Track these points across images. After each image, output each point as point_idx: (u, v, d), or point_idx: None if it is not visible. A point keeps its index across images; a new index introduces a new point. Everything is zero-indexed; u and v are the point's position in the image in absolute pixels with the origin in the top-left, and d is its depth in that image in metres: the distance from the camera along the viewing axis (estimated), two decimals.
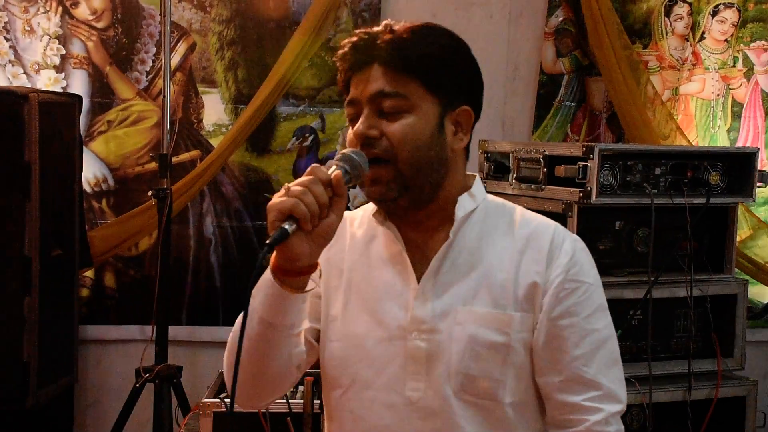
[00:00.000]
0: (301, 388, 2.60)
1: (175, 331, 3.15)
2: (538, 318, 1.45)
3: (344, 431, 1.50)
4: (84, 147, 3.25)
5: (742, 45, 3.50)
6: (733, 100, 3.52)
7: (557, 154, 2.59)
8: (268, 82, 3.32)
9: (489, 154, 2.88)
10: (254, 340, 1.37)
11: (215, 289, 3.42)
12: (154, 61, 3.34)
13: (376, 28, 1.47)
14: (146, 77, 3.37)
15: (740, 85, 3.51)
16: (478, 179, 1.55)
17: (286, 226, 1.27)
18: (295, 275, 1.34)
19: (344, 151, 1.40)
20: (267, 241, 1.26)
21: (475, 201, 1.50)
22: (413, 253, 1.48)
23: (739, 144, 3.49)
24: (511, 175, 2.75)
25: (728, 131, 3.51)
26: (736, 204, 2.67)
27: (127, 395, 3.00)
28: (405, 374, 1.45)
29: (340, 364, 1.49)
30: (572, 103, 3.49)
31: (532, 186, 2.66)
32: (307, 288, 1.36)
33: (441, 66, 1.44)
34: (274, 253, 1.33)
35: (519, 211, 1.54)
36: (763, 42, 3.50)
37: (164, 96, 3.06)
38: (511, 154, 2.76)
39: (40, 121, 2.80)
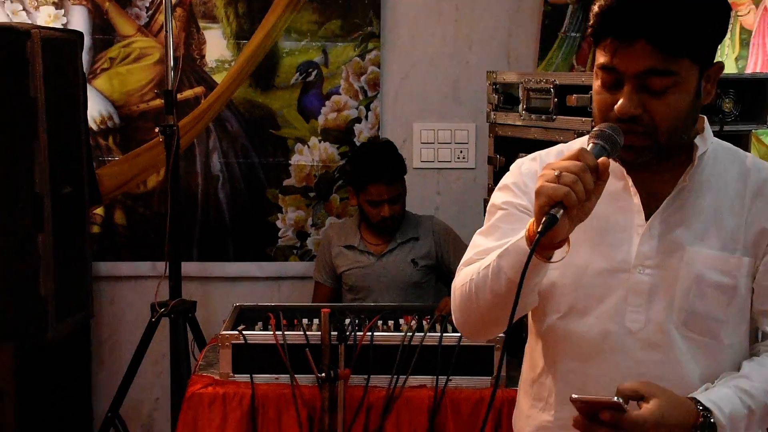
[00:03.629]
0: (316, 321, 2.65)
1: (186, 267, 3.18)
2: (760, 262, 1.51)
3: (558, 354, 1.58)
4: (87, 84, 3.23)
5: None
6: (742, 28, 3.50)
7: (568, 84, 2.60)
8: (269, 17, 3.29)
9: (497, 86, 2.88)
10: (500, 297, 1.46)
11: (225, 225, 3.44)
12: None
13: None
14: (146, 13, 3.34)
15: (748, 12, 3.50)
16: (706, 121, 1.56)
17: (555, 213, 1.33)
18: (549, 248, 1.40)
19: (602, 127, 1.41)
20: (539, 229, 1.33)
21: (706, 144, 1.53)
22: (638, 189, 1.53)
23: (748, 72, 3.49)
24: (520, 106, 2.76)
25: (736, 59, 3.51)
26: (750, 131, 2.68)
27: (142, 330, 3.05)
28: (625, 305, 1.51)
29: (559, 291, 1.55)
30: (577, 34, 3.48)
31: (543, 116, 2.66)
32: (554, 259, 1.42)
33: (709, 38, 1.45)
34: (533, 224, 1.38)
35: (750, 157, 1.58)
36: None
37: (167, 31, 3.04)
38: (519, 85, 2.76)
39: (43, 58, 2.77)
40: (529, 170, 1.61)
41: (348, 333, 2.48)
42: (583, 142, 1.57)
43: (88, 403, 3.37)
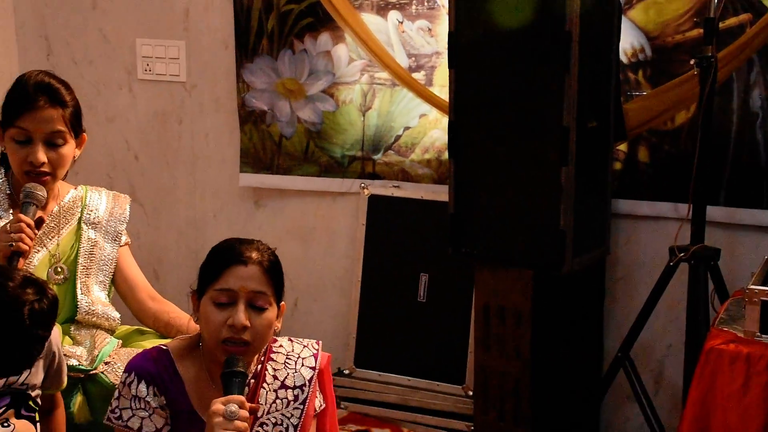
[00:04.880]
0: None
1: (711, 212, 2.95)
2: None
3: None
4: (622, 16, 3.13)
5: None
6: None
7: None
8: None
9: None
10: None
11: (759, 169, 3.10)
12: None
13: None
14: None
15: None
16: None
17: None
18: None
19: None
20: None
21: None
22: None
23: None
24: None
25: None
26: None
27: (657, 272, 2.92)
28: None
29: None
30: None
31: None
32: None
33: None
34: None
35: None
36: None
37: None
38: None
39: None
40: None
41: None
42: None
43: (599, 339, 3.37)
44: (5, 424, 1.88)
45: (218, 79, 3.80)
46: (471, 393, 3.37)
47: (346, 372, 3.61)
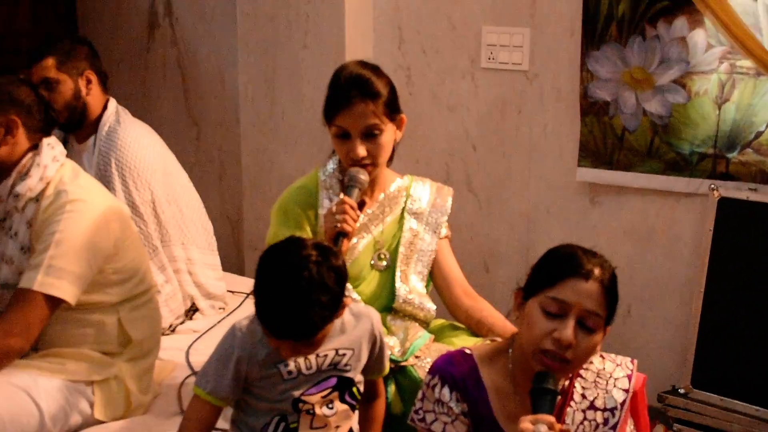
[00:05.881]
0: None
1: None
2: None
3: None
4: None
5: None
6: None
7: None
8: None
9: None
10: None
11: None
12: None
13: None
14: None
15: None
16: None
17: None
18: None
19: None
20: None
21: None
22: None
23: None
24: None
25: None
26: None
27: None
28: None
29: None
30: None
31: None
32: None
33: None
34: None
35: None
36: None
37: None
38: None
39: None
40: None
41: None
42: None
43: None
44: (329, 406, 1.92)
45: (561, 68, 3.64)
46: None
47: (681, 391, 3.29)
